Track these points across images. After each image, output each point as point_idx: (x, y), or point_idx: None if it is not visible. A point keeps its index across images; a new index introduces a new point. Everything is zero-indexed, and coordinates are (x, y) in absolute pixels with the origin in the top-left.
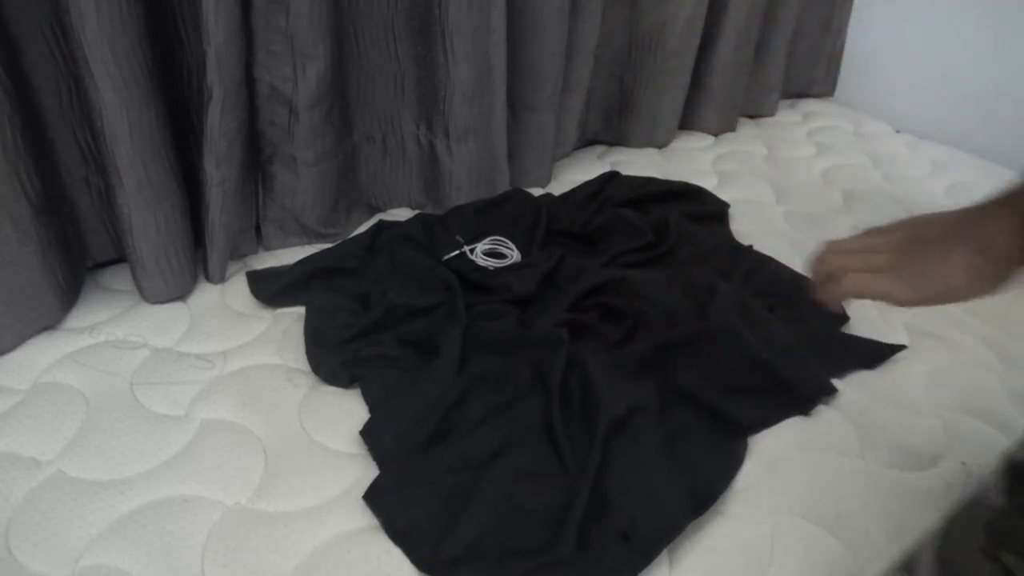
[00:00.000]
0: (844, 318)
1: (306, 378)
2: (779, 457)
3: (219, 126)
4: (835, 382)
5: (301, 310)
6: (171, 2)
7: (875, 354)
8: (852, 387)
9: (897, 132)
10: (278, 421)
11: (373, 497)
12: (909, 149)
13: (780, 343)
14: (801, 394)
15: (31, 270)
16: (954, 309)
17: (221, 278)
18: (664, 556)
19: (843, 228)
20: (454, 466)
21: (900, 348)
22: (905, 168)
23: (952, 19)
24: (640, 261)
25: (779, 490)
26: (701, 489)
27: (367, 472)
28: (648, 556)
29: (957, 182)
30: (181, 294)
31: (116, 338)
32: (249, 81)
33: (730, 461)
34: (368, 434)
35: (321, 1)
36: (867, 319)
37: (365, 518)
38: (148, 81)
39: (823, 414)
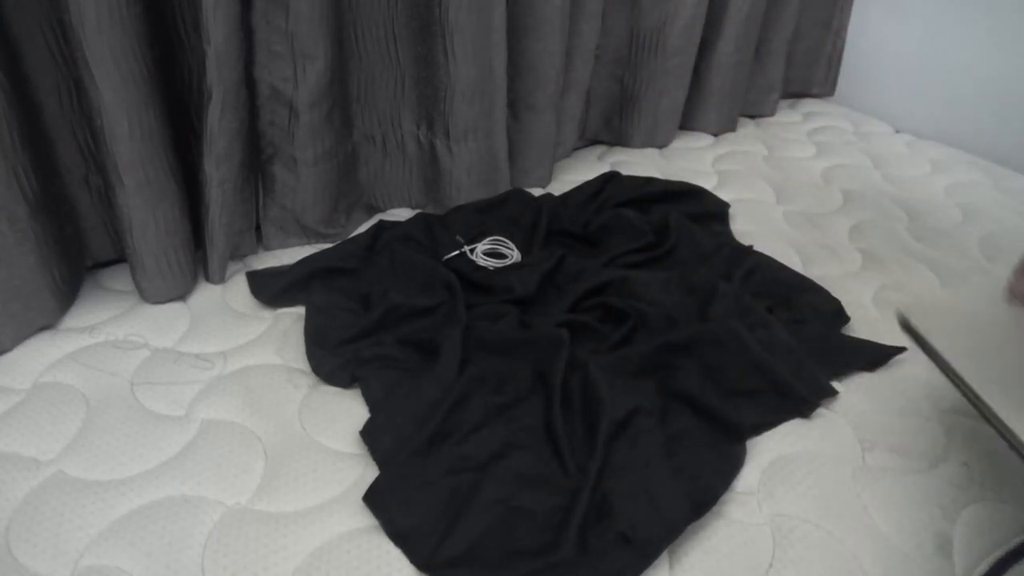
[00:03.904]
0: (844, 319)
1: (306, 378)
2: (779, 460)
3: (218, 125)
4: (835, 384)
5: (301, 310)
6: (171, 2)
7: (875, 356)
8: (852, 389)
9: (897, 132)
10: (278, 421)
11: (373, 498)
12: (909, 149)
13: (780, 345)
14: (801, 396)
15: (28, 269)
16: None
17: (221, 278)
18: (664, 558)
19: (843, 228)
20: (455, 467)
21: (900, 350)
22: (905, 168)
23: (952, 19)
24: (640, 261)
25: (779, 492)
26: (701, 492)
27: (367, 472)
28: (648, 558)
29: (957, 182)
30: (181, 294)
31: (116, 338)
32: (249, 81)
33: (730, 464)
34: (368, 434)
35: (321, 1)
36: (868, 320)
37: (365, 518)
38: (148, 81)
39: (823, 416)
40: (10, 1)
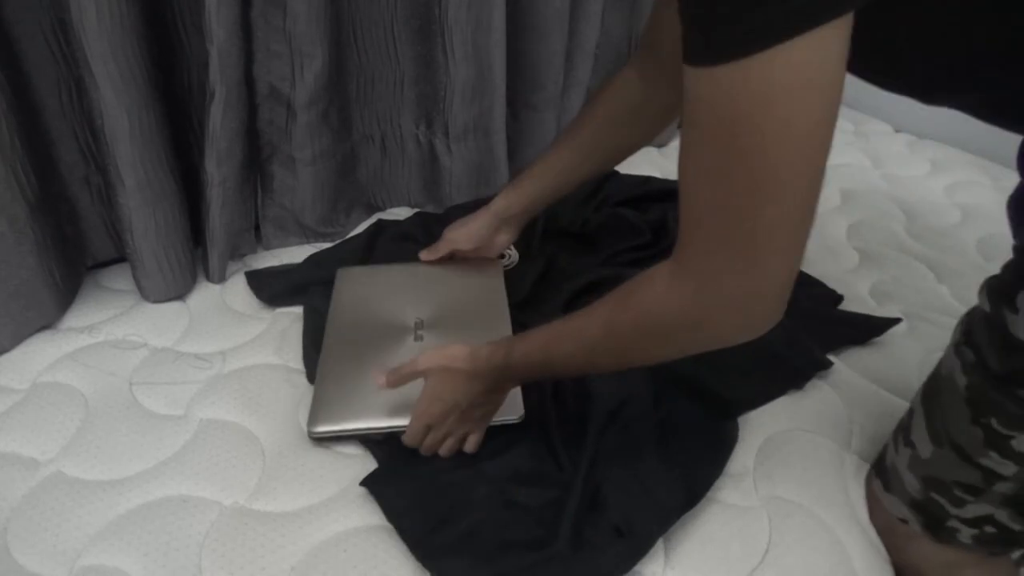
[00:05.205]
0: (838, 299)
1: (304, 378)
2: (773, 437)
3: (221, 125)
4: (829, 356)
5: (300, 310)
6: (171, 2)
7: (869, 328)
8: (847, 365)
9: (897, 132)
10: (276, 421)
11: (372, 483)
12: (909, 149)
13: None
14: (795, 368)
15: (27, 269)
16: (951, 300)
17: (221, 278)
18: (659, 547)
19: (841, 227)
20: (451, 464)
21: (895, 321)
22: (905, 168)
23: None
24: (638, 260)
25: (773, 474)
26: (695, 478)
27: (365, 471)
28: (643, 550)
29: (957, 182)
30: (181, 294)
31: (115, 338)
32: (248, 80)
33: (722, 445)
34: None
35: (320, 0)
36: (863, 304)
37: (362, 518)
38: (148, 81)
39: (818, 389)
40: (10, 1)
